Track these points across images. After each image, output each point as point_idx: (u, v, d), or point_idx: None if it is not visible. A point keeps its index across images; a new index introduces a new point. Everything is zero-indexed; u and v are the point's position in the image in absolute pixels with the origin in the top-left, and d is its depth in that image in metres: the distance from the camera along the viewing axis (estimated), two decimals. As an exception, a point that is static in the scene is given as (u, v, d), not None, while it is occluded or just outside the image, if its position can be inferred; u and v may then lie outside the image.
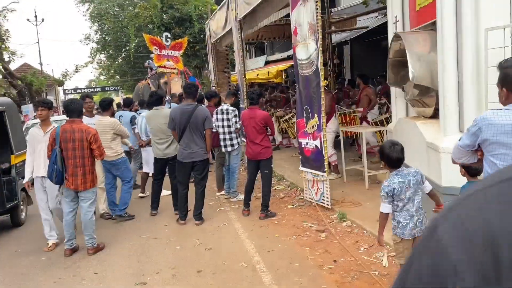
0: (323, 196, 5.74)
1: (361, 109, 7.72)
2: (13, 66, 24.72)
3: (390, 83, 5.46)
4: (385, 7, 12.54)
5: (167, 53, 15.71)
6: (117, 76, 40.09)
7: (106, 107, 6.31)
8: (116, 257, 4.87)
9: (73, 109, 4.95)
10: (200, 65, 22.83)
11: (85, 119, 5.65)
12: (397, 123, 5.37)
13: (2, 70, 21.80)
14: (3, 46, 20.42)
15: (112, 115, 6.62)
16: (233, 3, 9.14)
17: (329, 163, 6.09)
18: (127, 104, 8.58)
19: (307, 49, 5.60)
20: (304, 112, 5.87)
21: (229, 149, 6.70)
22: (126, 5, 31.71)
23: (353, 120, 7.87)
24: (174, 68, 16.01)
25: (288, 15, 13.28)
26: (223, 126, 6.65)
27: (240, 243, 4.96)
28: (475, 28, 3.70)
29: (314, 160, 5.78)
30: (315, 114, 5.62)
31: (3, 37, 22.29)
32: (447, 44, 3.87)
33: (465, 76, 3.81)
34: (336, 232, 4.94)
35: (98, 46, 34.72)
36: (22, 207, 6.53)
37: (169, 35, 15.66)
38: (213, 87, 12.32)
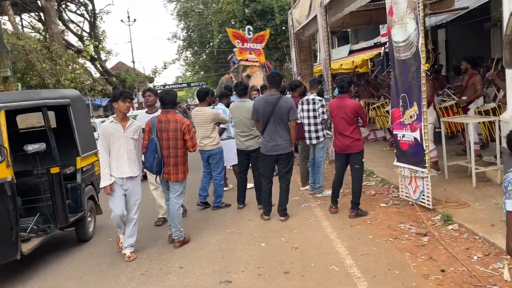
0: (423, 195, 5.09)
1: (465, 98, 6.81)
2: (109, 65, 26.63)
3: (506, 65, 4.63)
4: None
5: (250, 46, 15.68)
6: (202, 72, 41.56)
7: (202, 97, 6.26)
8: (201, 252, 4.73)
9: (168, 100, 4.93)
10: (281, 57, 22.55)
11: (143, 116, 5.63)
12: (517, 112, 4.55)
13: (100, 68, 23.53)
14: (100, 46, 21.98)
15: (209, 105, 6.50)
16: (319, -11, 8.64)
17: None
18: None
19: (405, 30, 4.96)
20: (401, 100, 5.24)
21: (314, 141, 6.28)
22: (210, 2, 32.49)
23: (456, 114, 6.89)
24: (256, 61, 15.93)
25: (375, 0, 12.44)
26: (308, 117, 6.24)
27: (329, 244, 4.54)
28: None
29: (412, 154, 5.14)
30: (414, 102, 4.97)
31: (100, 38, 24.03)
32: None
33: None
34: (441, 236, 4.30)
35: (184, 43, 36.27)
36: (89, 218, 5.55)
37: (251, 28, 15.58)
38: (299, 77, 11.93)
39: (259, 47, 15.43)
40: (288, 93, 9.79)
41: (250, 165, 6.14)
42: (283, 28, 20.78)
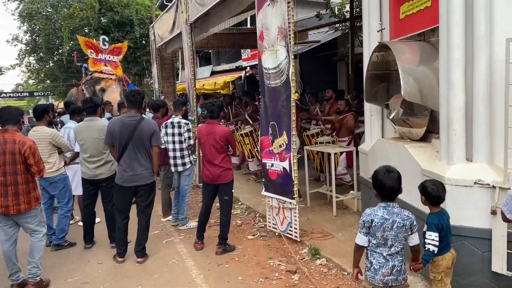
0: (290, 227, 4.91)
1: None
2: None
3: (366, 100, 4.81)
4: (337, 22, 12.24)
5: (105, 58, 14.32)
6: (48, 81, 37.16)
7: (40, 115, 5.07)
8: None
9: (6, 116, 4.02)
10: (141, 72, 21.40)
11: None
12: (376, 145, 4.71)
13: None
14: None
15: (50, 124, 5.40)
16: (183, 5, 8.18)
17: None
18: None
19: (275, 57, 4.80)
20: (270, 128, 5.04)
21: (180, 168, 5.68)
22: (60, 6, 29.39)
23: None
24: (112, 74, 14.63)
25: (240, 24, 12.56)
26: (173, 142, 5.63)
27: (195, 290, 3.97)
28: (489, 37, 3.11)
29: (281, 184, 4.95)
30: (284, 132, 4.81)
31: None
32: (454, 56, 3.24)
33: (475, 95, 3.19)
34: (311, 273, 4.11)
35: (28, 48, 32.03)
36: None
37: (106, 39, 14.24)
38: (162, 96, 11.17)
39: (116, 59, 14.18)
40: (145, 113, 9.03)
41: (100, 197, 5.20)
42: (143, 42, 19.76)
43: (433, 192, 2.81)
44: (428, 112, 3.93)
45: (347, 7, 11.95)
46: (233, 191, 4.86)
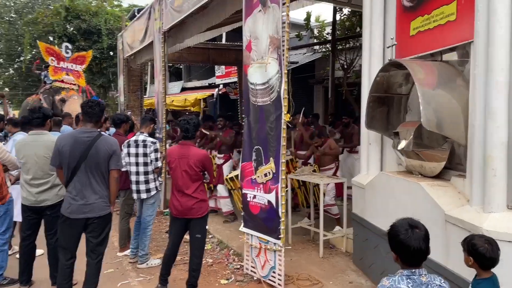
0: (274, 272, 4.10)
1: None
2: None
3: (367, 126, 4.15)
4: (318, 43, 11.78)
5: (67, 66, 13.23)
6: (6, 89, 35.02)
7: None
8: None
9: None
10: (106, 84, 20.21)
11: None
12: (377, 179, 4.03)
13: None
14: None
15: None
16: (157, 12, 7.39)
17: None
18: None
19: (265, 71, 4.07)
20: (254, 153, 4.26)
21: (144, 195, 4.77)
22: (25, 12, 27.86)
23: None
24: (74, 84, 13.53)
25: (214, 39, 11.87)
26: (137, 164, 4.73)
27: None
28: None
29: (264, 220, 4.15)
30: (271, 158, 4.04)
31: None
32: (496, 78, 2.61)
33: (522, 127, 2.56)
34: (302, 336, 3.30)
35: (-14, 53, 30.22)
36: None
37: (69, 46, 13.18)
38: (129, 112, 10.20)
39: (79, 68, 13.13)
40: (107, 129, 8.02)
41: (44, 228, 4.21)
42: (111, 53, 18.69)
43: (487, 253, 2.11)
44: (449, 145, 3.29)
45: (327, 29, 11.57)
46: (207, 227, 4.01)
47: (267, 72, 4.04)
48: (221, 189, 6.47)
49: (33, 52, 22.47)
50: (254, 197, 4.26)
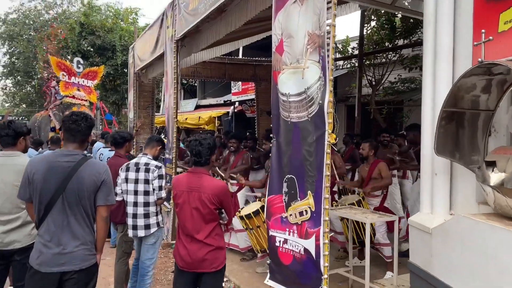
0: None
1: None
2: None
3: (438, 151, 3.11)
4: (343, 58, 10.85)
5: (78, 82, 12.54)
6: (24, 105, 35.01)
7: None
8: None
9: None
10: (120, 101, 19.53)
11: None
12: (453, 224, 2.97)
13: None
14: None
15: None
16: (170, 18, 6.55)
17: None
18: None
19: (301, 77, 3.10)
20: (285, 184, 3.25)
21: (142, 233, 3.77)
22: (44, 30, 27.81)
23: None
24: (86, 100, 12.83)
25: (230, 54, 11.04)
26: (135, 193, 3.75)
27: None
28: None
29: (299, 274, 3.10)
30: (309, 192, 3.02)
31: None
32: None
33: None
34: None
35: (5, 70, 30.30)
36: None
37: (81, 61, 12.52)
38: (135, 129, 9.34)
39: (91, 84, 12.41)
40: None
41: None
42: (125, 70, 18.06)
43: None
44: None
45: (352, 44, 10.65)
46: (223, 285, 2.98)
47: (305, 79, 3.07)
48: (237, 221, 5.39)
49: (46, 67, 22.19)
50: (285, 241, 3.23)
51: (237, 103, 13.80)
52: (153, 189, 3.77)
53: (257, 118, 10.84)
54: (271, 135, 3.49)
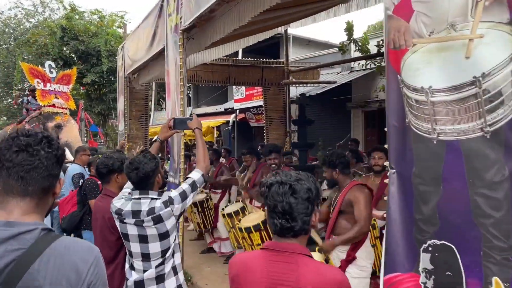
0: None
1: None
2: None
3: None
4: (364, 57, 9.43)
5: (54, 88, 10.91)
6: (4, 117, 32.86)
7: None
8: None
9: None
10: (105, 111, 17.79)
11: None
12: None
13: None
14: None
15: None
16: (174, 3, 5.00)
17: None
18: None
19: (462, 57, 1.60)
20: (427, 256, 1.73)
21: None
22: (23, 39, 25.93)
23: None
24: (66, 108, 11.20)
25: (236, 54, 9.55)
26: (144, 257, 2.19)
27: None
28: None
29: None
30: (494, 279, 1.52)
31: None
32: None
33: None
34: None
35: (-18, 81, 28.35)
36: None
37: (53, 65, 10.89)
38: (124, 138, 7.72)
39: (67, 89, 10.79)
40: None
41: None
42: (111, 77, 16.40)
43: None
44: None
45: (371, 42, 9.26)
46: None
47: (474, 60, 1.57)
48: (222, 228, 5.35)
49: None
50: None
51: (237, 111, 12.28)
52: (167, 248, 2.22)
53: (266, 128, 9.33)
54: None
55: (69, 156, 7.96)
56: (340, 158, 2.95)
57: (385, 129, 1.98)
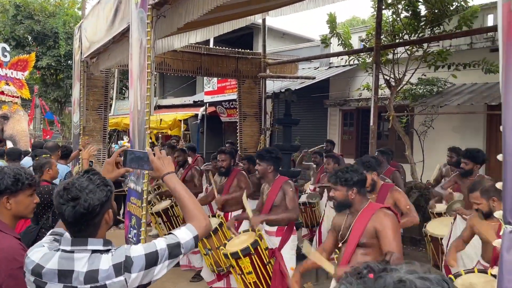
0: None
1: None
2: None
3: None
4: (355, 51, 8.82)
5: (5, 74, 9.63)
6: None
7: None
8: None
9: None
10: (63, 98, 16.32)
11: None
12: None
13: None
14: None
15: None
16: (140, -28, 4.11)
17: None
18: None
19: None
20: None
21: None
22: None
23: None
24: (17, 96, 9.92)
25: (207, 42, 8.68)
26: None
27: None
28: None
29: None
30: None
31: None
32: None
33: None
34: None
35: None
36: None
37: (7, 48, 9.62)
38: (78, 131, 6.73)
39: (21, 76, 9.53)
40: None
41: None
42: (69, 62, 15.01)
43: None
44: None
45: (353, 37, 8.68)
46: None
47: None
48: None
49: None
50: None
51: (208, 104, 11.42)
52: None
53: (239, 124, 8.58)
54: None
55: (12, 150, 6.84)
56: (359, 175, 2.26)
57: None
